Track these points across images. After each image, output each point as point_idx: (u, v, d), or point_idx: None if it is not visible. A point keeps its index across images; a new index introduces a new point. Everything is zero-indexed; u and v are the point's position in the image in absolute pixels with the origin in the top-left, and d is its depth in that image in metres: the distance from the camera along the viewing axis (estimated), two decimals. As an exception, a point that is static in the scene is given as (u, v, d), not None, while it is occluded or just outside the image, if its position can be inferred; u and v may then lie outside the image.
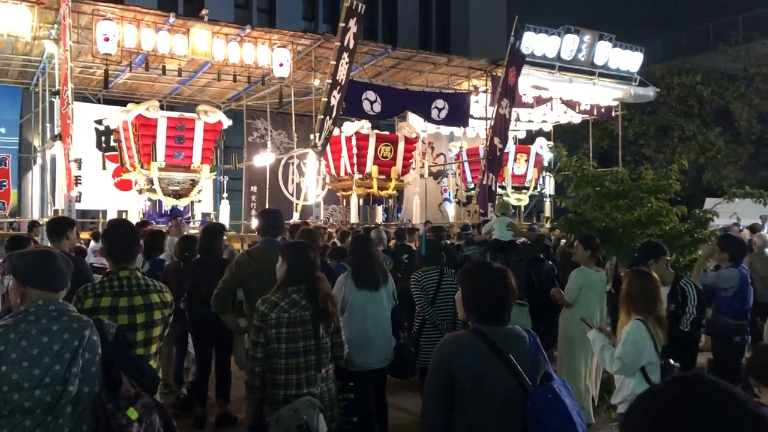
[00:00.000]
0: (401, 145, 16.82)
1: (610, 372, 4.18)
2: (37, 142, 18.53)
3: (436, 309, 5.31)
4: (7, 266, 2.53)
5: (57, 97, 13.84)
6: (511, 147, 18.58)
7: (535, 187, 19.79)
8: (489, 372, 2.36)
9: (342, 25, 13.89)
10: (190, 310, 5.49)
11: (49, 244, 5.06)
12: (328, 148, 15.68)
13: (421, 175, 19.24)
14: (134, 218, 13.74)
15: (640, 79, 19.30)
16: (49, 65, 15.00)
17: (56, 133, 14.11)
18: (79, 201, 13.76)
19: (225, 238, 6.97)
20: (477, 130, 19.70)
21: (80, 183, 14.03)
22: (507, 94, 16.03)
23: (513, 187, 19.20)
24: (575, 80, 17.90)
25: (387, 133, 17.68)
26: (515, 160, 19.17)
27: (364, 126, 16.36)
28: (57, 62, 13.60)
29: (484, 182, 16.26)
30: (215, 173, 15.59)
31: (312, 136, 14.92)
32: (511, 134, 17.93)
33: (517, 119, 19.14)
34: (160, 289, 3.18)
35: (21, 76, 17.81)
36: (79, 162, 13.72)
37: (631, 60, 18.81)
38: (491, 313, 2.48)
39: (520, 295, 5.44)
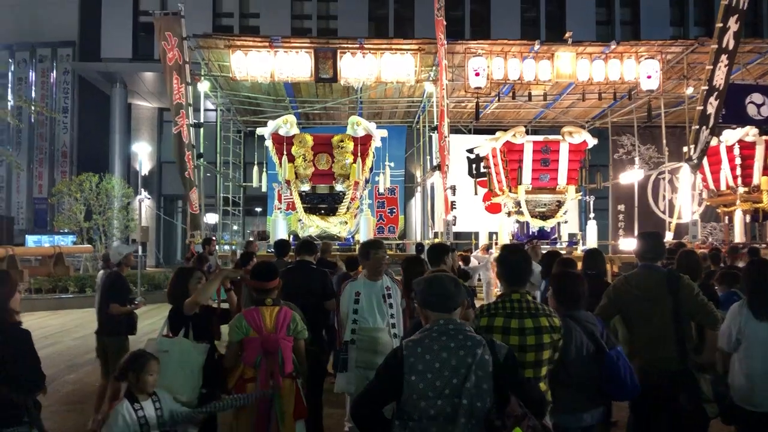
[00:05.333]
0: (799, 152, 14.46)
1: None
2: (418, 173, 20.82)
3: None
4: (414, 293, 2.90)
5: (435, 131, 15.35)
6: None
7: None
8: None
9: (720, 25, 12.67)
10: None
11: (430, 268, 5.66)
12: (705, 160, 14.33)
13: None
14: (504, 240, 14.41)
15: None
16: (428, 104, 16.75)
17: (435, 164, 15.64)
18: (455, 224, 14.93)
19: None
20: None
21: (455, 208, 15.21)
22: None
23: None
24: None
25: (780, 138, 15.38)
26: None
27: (749, 133, 14.54)
28: (435, 100, 15.11)
29: None
30: (581, 193, 15.46)
31: (685, 149, 13.83)
32: None
33: None
34: (549, 314, 3.26)
35: (405, 116, 20.25)
36: (453, 189, 14.96)
37: None
38: None
39: None
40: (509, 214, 14.65)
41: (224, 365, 4.09)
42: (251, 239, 13.08)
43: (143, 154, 23.35)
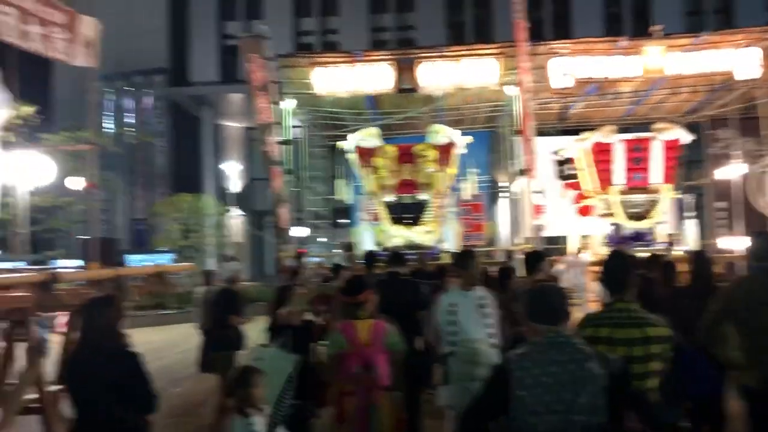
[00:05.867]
0: None
1: None
2: (503, 178, 20.50)
3: None
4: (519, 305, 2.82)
5: (519, 135, 15.07)
6: None
7: None
8: None
9: (824, 5, 11.86)
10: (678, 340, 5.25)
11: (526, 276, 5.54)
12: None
13: None
14: (597, 243, 13.95)
15: None
16: (511, 108, 16.47)
17: (520, 168, 15.35)
18: (544, 229, 14.59)
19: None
20: None
21: (544, 212, 14.89)
22: None
23: None
24: None
25: None
26: None
27: None
28: (518, 103, 14.85)
29: None
30: (677, 191, 14.78)
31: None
32: None
33: None
34: (657, 323, 3.10)
35: (488, 121, 19.97)
36: (541, 192, 14.63)
37: None
38: None
39: None
40: (602, 216, 14.20)
41: (324, 380, 4.14)
42: (351, 252, 13.27)
43: (233, 172, 24.23)
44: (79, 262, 11.11)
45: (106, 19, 7.64)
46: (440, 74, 14.27)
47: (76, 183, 15.15)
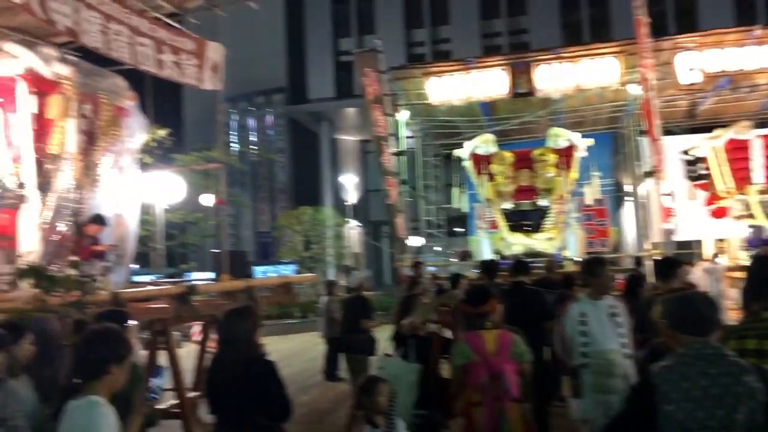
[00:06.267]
0: None
1: None
2: (628, 181, 19.61)
3: None
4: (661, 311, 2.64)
5: (645, 135, 14.34)
6: None
7: None
8: None
9: None
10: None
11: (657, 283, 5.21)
12: None
13: None
14: (735, 247, 13.02)
15: None
16: (634, 106, 15.74)
17: (648, 170, 14.60)
18: (674, 233, 13.79)
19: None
20: None
21: (674, 215, 14.07)
22: None
23: None
24: None
25: None
26: None
27: None
28: (641, 102, 14.15)
29: None
30: (828, 189, 13.50)
31: None
32: None
33: None
34: None
35: (610, 122, 19.20)
36: (671, 195, 13.84)
37: None
38: None
39: None
40: (739, 218, 13.23)
41: (451, 391, 4.09)
42: (469, 260, 13.15)
43: (350, 184, 24.79)
44: (211, 275, 11.74)
45: (229, 44, 8.07)
46: (558, 76, 13.88)
47: (207, 200, 16.05)
